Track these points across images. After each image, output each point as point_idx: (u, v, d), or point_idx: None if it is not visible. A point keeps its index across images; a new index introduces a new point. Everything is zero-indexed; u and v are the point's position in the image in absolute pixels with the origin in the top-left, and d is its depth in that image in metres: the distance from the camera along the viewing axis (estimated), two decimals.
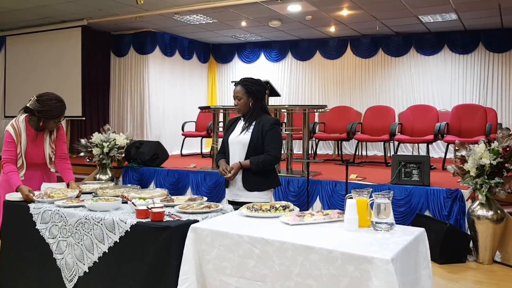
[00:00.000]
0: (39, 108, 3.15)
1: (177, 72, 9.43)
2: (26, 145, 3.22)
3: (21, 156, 3.22)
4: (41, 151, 3.29)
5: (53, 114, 3.18)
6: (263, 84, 3.19)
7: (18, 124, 3.23)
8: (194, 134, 8.41)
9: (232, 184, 3.10)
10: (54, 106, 3.18)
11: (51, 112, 3.17)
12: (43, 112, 3.15)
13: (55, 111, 3.18)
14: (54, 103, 3.19)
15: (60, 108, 3.21)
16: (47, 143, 3.32)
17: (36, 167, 3.30)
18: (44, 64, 8.54)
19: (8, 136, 3.21)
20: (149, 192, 3.01)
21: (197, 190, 5.88)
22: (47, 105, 3.16)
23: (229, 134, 3.16)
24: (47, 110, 3.15)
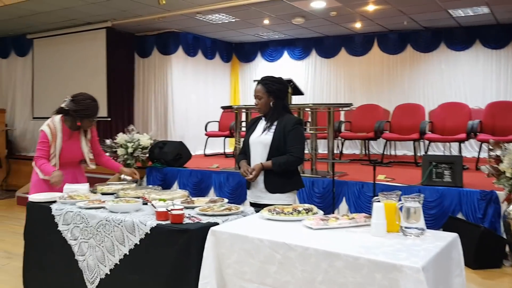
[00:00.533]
0: (75, 108, 3.27)
1: (200, 72, 9.44)
2: (61, 145, 3.32)
3: (54, 156, 3.31)
4: (77, 150, 3.40)
5: (88, 113, 3.30)
6: (284, 83, 3.11)
7: (54, 124, 3.32)
8: (217, 134, 8.39)
9: (253, 186, 3.04)
10: (89, 105, 3.31)
11: (87, 111, 3.29)
12: (79, 112, 3.28)
13: (90, 110, 3.30)
14: (89, 102, 3.31)
15: (94, 107, 3.34)
16: (83, 143, 3.44)
17: (69, 166, 3.39)
18: (70, 66, 8.68)
19: (43, 136, 3.30)
20: (170, 193, 2.98)
21: (219, 190, 5.85)
22: (83, 105, 3.29)
23: (250, 134, 3.10)
24: (82, 109, 3.27)
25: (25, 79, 9.36)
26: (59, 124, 3.33)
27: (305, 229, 2.15)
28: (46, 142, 3.30)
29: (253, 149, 3.04)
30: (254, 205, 3.04)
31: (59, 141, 3.32)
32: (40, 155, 3.31)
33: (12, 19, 7.76)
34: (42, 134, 3.32)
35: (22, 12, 7.26)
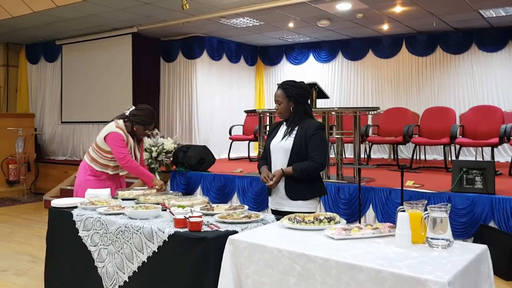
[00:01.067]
0: (135, 112, 3.52)
1: (225, 75, 9.45)
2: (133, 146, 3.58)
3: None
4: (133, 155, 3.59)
5: (144, 119, 3.51)
6: (305, 87, 3.05)
7: (121, 127, 3.50)
8: (241, 138, 8.37)
9: (274, 192, 2.99)
10: (147, 112, 3.54)
11: (144, 117, 3.51)
12: (137, 116, 3.51)
13: (147, 117, 3.53)
14: (149, 111, 3.57)
15: (152, 116, 3.57)
16: (136, 150, 3.63)
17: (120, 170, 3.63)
18: (97, 71, 8.85)
19: (121, 137, 3.47)
20: (190, 199, 2.96)
21: (243, 195, 5.82)
22: (142, 110, 3.53)
23: (271, 139, 3.05)
24: (141, 114, 3.51)
25: (54, 84, 9.59)
26: (123, 127, 3.51)
27: (326, 239, 2.09)
28: (124, 141, 3.47)
29: (273, 155, 3.00)
30: (275, 212, 2.99)
31: (131, 143, 3.55)
32: (127, 153, 3.47)
33: (41, 26, 7.97)
34: (118, 136, 3.46)
35: (50, 18, 7.44)
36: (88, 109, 8.99)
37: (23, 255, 4.51)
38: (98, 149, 3.54)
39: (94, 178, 3.54)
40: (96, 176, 3.54)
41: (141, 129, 3.54)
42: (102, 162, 3.54)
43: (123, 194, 3.23)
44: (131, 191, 3.32)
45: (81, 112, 9.12)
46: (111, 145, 3.46)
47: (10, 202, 7.67)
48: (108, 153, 3.51)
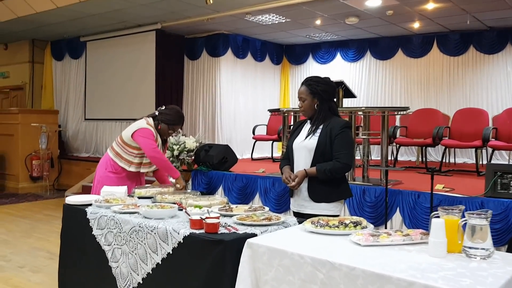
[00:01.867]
0: (163, 111, 3.49)
1: (249, 74, 9.35)
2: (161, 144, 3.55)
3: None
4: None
5: (170, 120, 3.47)
6: (330, 83, 2.90)
7: (152, 125, 3.48)
8: (265, 138, 8.25)
9: (296, 194, 2.85)
10: (174, 112, 3.49)
11: (170, 117, 3.47)
12: (163, 115, 3.48)
13: (173, 117, 3.48)
14: (176, 112, 3.53)
15: (178, 117, 3.51)
16: (161, 149, 3.57)
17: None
18: (121, 68, 8.88)
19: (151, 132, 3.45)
20: (208, 199, 2.85)
21: (265, 196, 5.69)
22: (170, 111, 3.50)
23: (293, 138, 2.92)
24: (168, 113, 3.48)
25: (78, 81, 9.68)
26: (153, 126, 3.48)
27: (352, 246, 1.94)
28: (154, 137, 3.45)
29: (296, 154, 2.86)
30: (297, 214, 2.86)
31: (159, 142, 3.51)
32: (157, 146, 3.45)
33: (65, 21, 8.02)
34: (148, 131, 3.43)
35: (74, 14, 7.48)
36: (111, 106, 9.03)
37: (41, 251, 4.50)
38: (124, 144, 3.49)
39: (114, 175, 3.48)
40: (117, 173, 3.48)
41: (165, 129, 3.49)
42: (126, 157, 3.48)
43: (139, 192, 3.15)
44: (148, 189, 3.23)
45: (104, 109, 9.17)
46: (141, 139, 3.40)
47: (33, 197, 7.75)
48: (134, 148, 3.45)
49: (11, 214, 6.13)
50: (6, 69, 10.53)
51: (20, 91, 10.42)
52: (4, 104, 10.93)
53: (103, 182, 3.47)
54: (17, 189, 8.17)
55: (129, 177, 3.52)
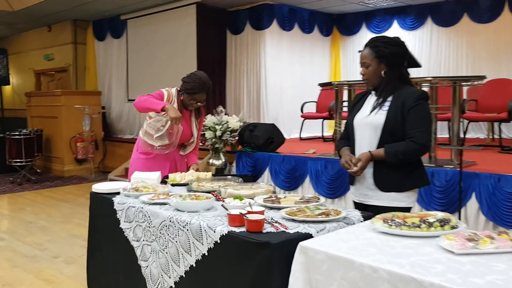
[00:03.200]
0: (183, 79, 3.13)
1: (296, 47, 8.79)
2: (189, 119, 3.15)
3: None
4: (187, 130, 3.15)
5: (187, 88, 3.06)
6: (402, 44, 2.36)
7: (172, 92, 3.13)
8: (314, 116, 7.75)
9: (359, 181, 2.37)
10: (192, 79, 3.06)
11: (187, 84, 3.06)
12: (183, 84, 3.10)
13: (189, 85, 3.05)
14: (195, 78, 3.07)
15: (197, 83, 3.03)
16: (194, 124, 3.21)
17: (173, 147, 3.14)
18: (161, 46, 8.59)
19: (160, 93, 3.09)
20: (251, 187, 2.43)
21: (316, 180, 5.22)
22: (189, 78, 3.09)
23: (354, 114, 2.43)
24: (186, 81, 3.07)
25: (120, 61, 9.50)
26: (175, 94, 3.13)
27: (442, 254, 1.46)
28: (160, 96, 3.08)
29: (358, 133, 2.37)
30: (360, 205, 2.39)
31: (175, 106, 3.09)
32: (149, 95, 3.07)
33: None
34: (159, 92, 3.11)
35: None
36: (153, 86, 8.75)
37: (78, 239, 4.30)
38: (148, 118, 3.16)
39: (144, 156, 3.16)
40: (146, 154, 3.14)
41: (186, 99, 3.09)
42: (148, 130, 3.11)
43: (173, 178, 2.78)
44: (184, 174, 2.86)
45: (146, 89, 8.91)
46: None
47: (77, 180, 7.70)
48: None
49: (53, 198, 6.05)
50: (50, 51, 10.55)
51: (65, 73, 10.43)
52: (50, 86, 11.01)
53: (135, 166, 3.17)
54: (63, 171, 8.16)
55: (162, 159, 3.13)
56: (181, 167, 3.27)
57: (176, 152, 3.23)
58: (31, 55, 11.19)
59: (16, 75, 11.94)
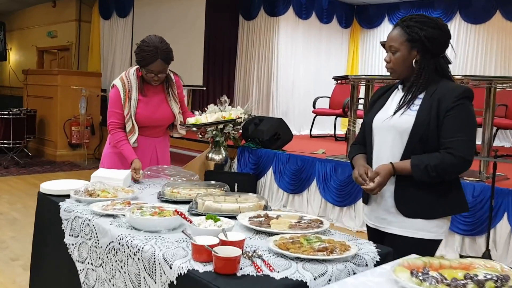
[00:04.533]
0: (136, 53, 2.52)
1: (312, 37, 8.21)
2: (137, 103, 2.53)
3: (130, 118, 2.53)
4: (164, 111, 2.63)
5: (138, 59, 2.49)
6: (443, 28, 1.79)
7: (128, 77, 2.55)
8: (327, 112, 7.21)
9: (375, 201, 1.84)
10: (139, 47, 2.50)
11: (138, 56, 2.49)
12: (136, 58, 2.51)
13: (140, 55, 2.47)
14: (143, 46, 2.48)
15: (146, 53, 2.43)
16: (172, 101, 2.66)
17: (152, 134, 2.64)
18: (168, 29, 8.05)
19: (115, 92, 2.55)
20: (237, 200, 1.91)
21: (324, 183, 4.69)
22: (138, 48, 2.51)
23: (374, 113, 1.89)
24: (136, 52, 2.51)
25: (125, 42, 9.00)
26: (134, 77, 2.55)
27: None
28: (118, 101, 2.52)
29: (378, 138, 1.83)
30: (374, 232, 1.86)
31: (133, 99, 2.53)
32: (114, 120, 2.56)
33: None
34: (113, 91, 2.56)
35: None
36: None
37: None
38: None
39: (114, 150, 2.64)
40: (116, 147, 2.63)
41: (144, 73, 2.50)
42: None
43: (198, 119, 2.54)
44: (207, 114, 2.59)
45: None
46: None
47: (68, 167, 7.24)
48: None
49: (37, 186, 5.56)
50: (54, 28, 10.09)
51: (67, 52, 9.96)
52: (53, 65, 10.56)
53: (105, 163, 2.66)
54: (55, 156, 7.71)
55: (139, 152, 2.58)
56: (163, 159, 2.75)
57: (161, 140, 2.71)
58: (35, 32, 10.75)
59: (19, 51, 11.53)
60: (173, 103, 2.66)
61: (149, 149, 2.66)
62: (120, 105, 2.53)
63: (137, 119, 2.55)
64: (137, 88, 2.55)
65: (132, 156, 2.51)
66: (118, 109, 2.54)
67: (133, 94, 2.53)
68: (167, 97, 2.65)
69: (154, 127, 2.64)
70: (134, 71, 2.58)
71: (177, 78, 2.73)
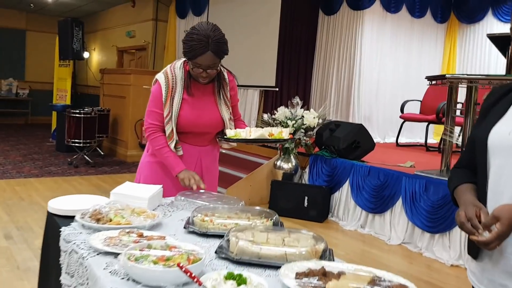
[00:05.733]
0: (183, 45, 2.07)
1: (402, 33, 7.43)
2: (180, 103, 2.11)
3: (170, 119, 2.12)
4: (212, 115, 2.19)
5: (185, 50, 2.03)
6: None
7: (173, 71, 2.14)
8: (417, 118, 6.43)
9: (489, 257, 1.24)
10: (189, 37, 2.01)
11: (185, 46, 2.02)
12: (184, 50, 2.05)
13: (188, 44, 2.01)
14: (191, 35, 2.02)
15: (195, 42, 1.98)
16: (221, 104, 2.22)
17: (194, 141, 2.20)
18: (241, 24, 7.74)
19: (156, 89, 2.15)
20: (284, 240, 1.40)
21: (412, 204, 4.01)
22: (186, 36, 2.04)
23: (490, 124, 1.29)
24: (183, 42, 2.05)
25: None
26: (180, 71, 2.14)
27: None
28: (159, 99, 2.13)
29: (497, 162, 1.23)
30: None
31: (178, 97, 2.12)
32: (153, 123, 2.16)
33: None
34: (154, 88, 2.17)
35: None
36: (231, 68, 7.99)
37: None
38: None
39: (154, 159, 2.25)
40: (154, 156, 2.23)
41: (190, 67, 2.07)
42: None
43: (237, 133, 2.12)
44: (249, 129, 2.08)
45: None
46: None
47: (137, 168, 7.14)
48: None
49: (100, 188, 5.47)
50: (132, 28, 10.25)
51: (144, 52, 10.06)
52: (131, 65, 10.74)
53: (141, 173, 2.29)
54: (126, 156, 7.69)
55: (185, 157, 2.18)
56: (209, 175, 2.31)
57: (203, 151, 2.27)
58: (115, 32, 11.03)
59: (101, 52, 11.93)
60: (224, 107, 2.21)
61: (191, 159, 2.23)
62: (161, 104, 2.12)
63: (179, 123, 2.13)
64: (183, 85, 2.13)
65: (178, 167, 2.11)
66: (158, 109, 2.13)
67: (177, 92, 2.12)
68: (217, 99, 2.21)
69: (198, 134, 2.20)
70: (181, 64, 2.16)
71: (231, 78, 2.28)
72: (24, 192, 5.13)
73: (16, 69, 12.51)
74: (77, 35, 8.18)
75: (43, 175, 6.11)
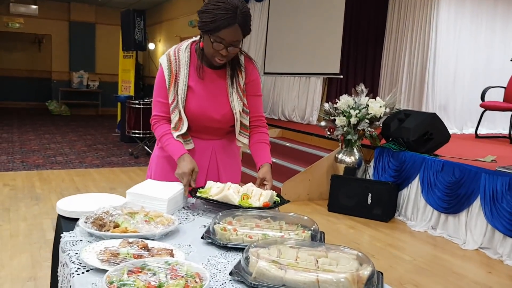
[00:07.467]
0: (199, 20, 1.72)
1: (483, 11, 6.69)
2: (187, 87, 1.83)
3: (176, 106, 1.84)
4: (222, 104, 1.86)
5: (205, 21, 1.67)
6: None
7: (177, 53, 1.85)
8: (500, 106, 5.77)
9: None
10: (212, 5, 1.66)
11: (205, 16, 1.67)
12: (199, 18, 1.71)
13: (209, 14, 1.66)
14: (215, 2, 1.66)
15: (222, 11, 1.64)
16: (233, 92, 1.86)
17: (204, 133, 1.92)
18: (304, 9, 7.37)
19: (159, 75, 1.88)
20: (320, 262, 1.10)
21: (491, 205, 3.51)
22: (206, 5, 1.69)
23: None
24: (202, 11, 1.69)
25: (260, 28, 8.56)
26: (186, 53, 1.84)
27: None
28: (163, 86, 1.85)
29: None
30: None
31: (183, 81, 1.82)
32: (158, 114, 1.91)
33: None
34: (158, 74, 1.89)
35: None
36: (291, 57, 7.68)
37: None
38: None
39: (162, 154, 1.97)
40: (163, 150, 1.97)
41: (208, 46, 1.71)
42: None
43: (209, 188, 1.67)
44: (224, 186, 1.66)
45: (284, 61, 7.89)
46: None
47: None
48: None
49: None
50: (195, 17, 10.15)
51: None
52: None
53: (151, 169, 2.03)
54: None
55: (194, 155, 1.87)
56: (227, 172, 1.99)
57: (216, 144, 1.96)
58: (179, 22, 11.08)
59: (166, 42, 12.05)
60: (235, 97, 1.86)
61: (205, 154, 1.93)
62: (165, 92, 1.85)
63: (187, 109, 1.83)
64: (188, 67, 1.82)
65: (179, 151, 1.80)
66: (163, 98, 1.86)
67: (182, 75, 1.82)
68: (228, 88, 1.86)
69: (207, 127, 1.88)
70: (188, 45, 1.85)
71: (251, 66, 1.91)
72: (81, 182, 5.17)
73: (86, 61, 12.99)
74: (138, 26, 8.23)
75: (104, 165, 6.17)
